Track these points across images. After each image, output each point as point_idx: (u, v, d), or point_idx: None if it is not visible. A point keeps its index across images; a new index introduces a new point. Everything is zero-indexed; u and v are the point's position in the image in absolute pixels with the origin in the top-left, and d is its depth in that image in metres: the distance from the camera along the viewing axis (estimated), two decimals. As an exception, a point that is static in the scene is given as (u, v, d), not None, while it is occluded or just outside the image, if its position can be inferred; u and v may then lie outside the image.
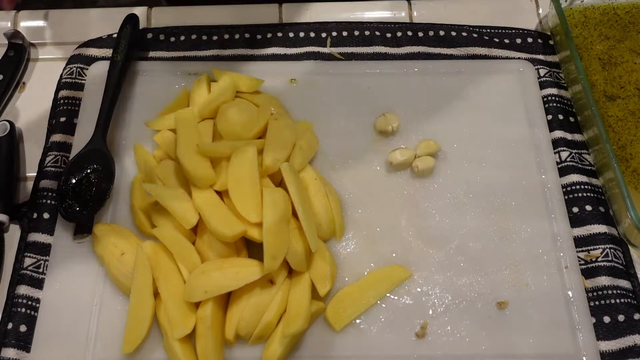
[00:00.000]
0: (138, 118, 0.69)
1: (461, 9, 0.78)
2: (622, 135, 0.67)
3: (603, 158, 0.65)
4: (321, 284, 0.58)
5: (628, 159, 0.66)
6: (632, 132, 0.67)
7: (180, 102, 0.69)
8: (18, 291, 0.60)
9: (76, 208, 0.63)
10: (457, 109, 0.70)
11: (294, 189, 0.58)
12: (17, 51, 0.73)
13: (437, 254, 0.62)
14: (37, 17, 0.78)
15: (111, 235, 0.61)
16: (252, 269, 0.56)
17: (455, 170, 0.67)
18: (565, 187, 0.66)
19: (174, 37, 0.76)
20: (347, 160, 0.67)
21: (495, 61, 0.74)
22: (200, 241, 0.59)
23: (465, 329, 0.59)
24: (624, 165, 0.65)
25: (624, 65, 0.71)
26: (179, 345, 0.55)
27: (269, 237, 0.55)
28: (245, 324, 0.56)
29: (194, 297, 0.55)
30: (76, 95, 0.71)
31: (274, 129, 0.64)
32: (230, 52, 0.75)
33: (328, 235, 0.62)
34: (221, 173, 0.60)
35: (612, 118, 0.68)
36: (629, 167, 0.65)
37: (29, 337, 0.59)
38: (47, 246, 0.63)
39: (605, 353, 0.58)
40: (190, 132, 0.62)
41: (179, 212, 0.58)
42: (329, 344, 0.58)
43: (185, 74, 0.72)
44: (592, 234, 0.63)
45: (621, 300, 0.60)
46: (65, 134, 0.69)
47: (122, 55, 0.71)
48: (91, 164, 0.65)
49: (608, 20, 0.75)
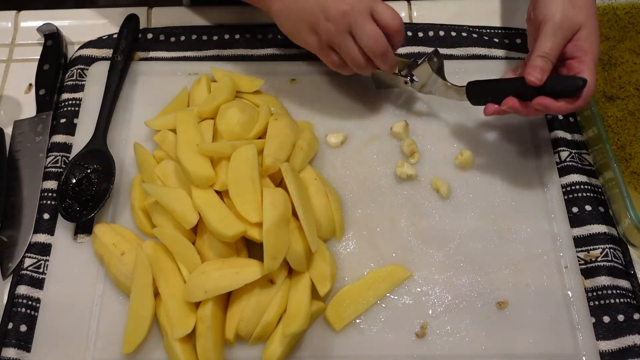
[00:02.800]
0: (138, 118, 0.69)
1: (461, 9, 0.79)
2: (621, 135, 0.67)
3: (603, 158, 0.65)
4: (321, 284, 0.58)
5: (627, 159, 0.66)
6: (631, 133, 0.67)
7: (180, 102, 0.69)
8: (18, 291, 0.60)
9: (76, 208, 0.63)
10: (457, 110, 0.70)
11: (294, 189, 0.58)
12: (55, 39, 0.74)
13: (437, 254, 0.62)
14: (37, 17, 0.78)
15: (111, 235, 0.61)
16: (252, 269, 0.56)
17: (455, 170, 0.67)
18: (565, 187, 0.66)
19: (174, 37, 0.76)
20: (347, 160, 0.67)
21: (495, 61, 0.74)
22: (200, 241, 0.59)
23: (465, 329, 0.59)
24: (623, 165, 0.65)
25: (624, 65, 0.71)
26: (179, 345, 0.55)
27: (269, 237, 0.55)
28: (245, 324, 0.56)
29: (194, 297, 0.55)
30: (77, 96, 0.71)
31: (274, 129, 0.64)
32: (230, 52, 0.75)
33: (328, 235, 0.62)
34: (221, 173, 0.60)
35: (611, 118, 0.68)
36: (628, 167, 0.65)
37: (29, 337, 0.59)
38: (47, 246, 0.63)
39: (604, 353, 0.58)
40: (190, 132, 0.62)
41: (179, 212, 0.58)
42: (329, 344, 0.58)
43: (185, 74, 0.72)
44: (592, 234, 0.63)
45: (621, 300, 0.60)
46: (66, 135, 0.69)
47: (123, 55, 0.71)
48: (91, 164, 0.65)
49: (608, 21, 0.75)
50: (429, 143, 0.68)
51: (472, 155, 0.67)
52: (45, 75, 0.72)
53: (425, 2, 0.79)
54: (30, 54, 0.76)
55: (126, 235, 0.62)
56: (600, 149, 0.65)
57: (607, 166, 0.64)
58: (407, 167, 0.65)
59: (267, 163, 0.61)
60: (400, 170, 0.65)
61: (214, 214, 0.57)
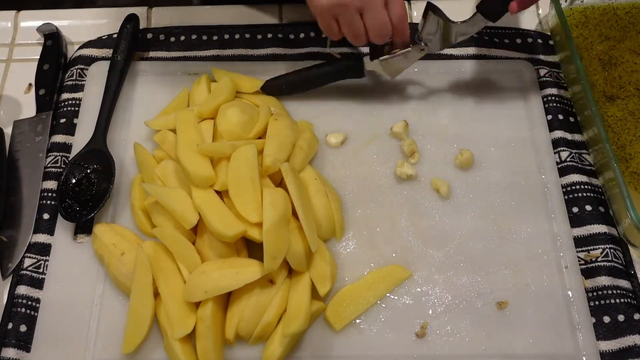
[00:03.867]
0: (138, 118, 0.69)
1: (461, 9, 0.78)
2: (621, 135, 0.67)
3: (603, 158, 0.65)
4: (321, 284, 0.58)
5: (628, 159, 0.66)
6: (631, 132, 0.67)
7: (180, 102, 0.69)
8: (18, 291, 0.60)
9: (76, 208, 0.63)
10: (457, 109, 0.70)
11: (294, 189, 0.58)
12: (54, 39, 0.74)
13: (437, 254, 0.62)
14: (37, 17, 0.78)
15: (111, 235, 0.61)
16: (252, 269, 0.56)
17: (455, 170, 0.67)
18: (565, 187, 0.66)
19: (174, 37, 0.76)
20: (347, 160, 0.67)
21: (495, 61, 0.74)
22: (200, 241, 0.59)
23: (465, 329, 0.59)
24: (623, 165, 0.65)
25: (624, 65, 0.71)
26: (179, 345, 0.55)
27: (269, 237, 0.54)
28: (245, 324, 0.56)
29: (194, 297, 0.55)
30: (76, 96, 0.71)
31: (274, 129, 0.64)
32: (230, 52, 0.75)
33: (328, 235, 0.62)
34: (221, 173, 0.60)
35: (611, 118, 0.68)
36: (628, 167, 0.65)
37: (29, 337, 0.59)
38: (47, 246, 0.63)
39: (605, 353, 0.58)
40: (190, 132, 0.62)
41: (179, 212, 0.58)
42: (329, 344, 0.58)
43: (185, 74, 0.72)
44: (592, 234, 0.63)
45: (621, 300, 0.60)
46: (66, 135, 0.69)
47: (122, 55, 0.71)
48: (91, 164, 0.65)
49: (608, 21, 0.75)
50: (429, 143, 0.68)
51: (472, 155, 0.66)
52: (45, 75, 0.72)
53: (425, 2, 0.79)
54: (30, 53, 0.76)
55: (126, 235, 0.62)
56: (600, 149, 0.65)
57: (607, 166, 0.64)
58: (407, 167, 0.65)
59: (267, 163, 0.61)
60: (400, 170, 0.65)
61: (214, 214, 0.57)
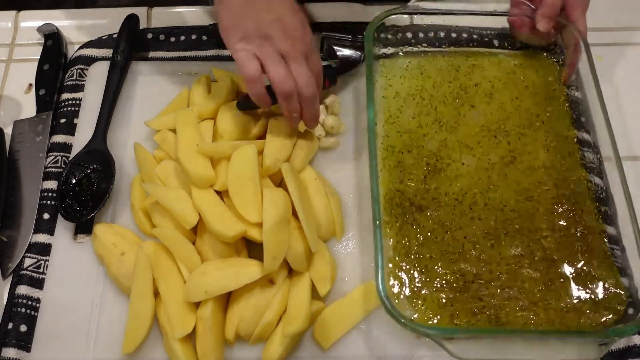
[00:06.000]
0: (138, 118, 0.69)
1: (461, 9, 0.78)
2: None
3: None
4: (321, 284, 0.58)
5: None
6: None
7: (180, 102, 0.69)
8: (18, 291, 0.60)
9: (76, 208, 0.63)
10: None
11: (294, 189, 0.58)
12: (55, 39, 0.74)
13: (437, 254, 0.62)
14: (37, 17, 0.78)
15: (111, 235, 0.61)
16: (252, 269, 0.56)
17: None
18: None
19: (174, 37, 0.76)
20: (348, 160, 0.67)
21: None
22: (200, 241, 0.59)
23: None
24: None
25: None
26: (179, 345, 0.55)
27: (269, 237, 0.55)
28: (245, 324, 0.56)
29: (194, 297, 0.55)
30: (77, 96, 0.71)
31: (274, 129, 0.64)
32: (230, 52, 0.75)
33: (328, 235, 0.62)
34: (221, 173, 0.60)
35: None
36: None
37: (29, 337, 0.59)
38: (47, 246, 0.63)
39: (605, 353, 0.58)
40: (190, 132, 0.62)
41: (179, 212, 0.58)
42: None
43: (185, 74, 0.72)
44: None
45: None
46: (66, 135, 0.69)
47: (123, 55, 0.71)
48: (91, 164, 0.65)
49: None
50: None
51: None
52: (45, 75, 0.72)
53: (424, 2, 0.79)
54: (30, 54, 0.76)
55: (126, 235, 0.62)
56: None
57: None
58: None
59: (267, 163, 0.61)
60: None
61: (214, 214, 0.57)
